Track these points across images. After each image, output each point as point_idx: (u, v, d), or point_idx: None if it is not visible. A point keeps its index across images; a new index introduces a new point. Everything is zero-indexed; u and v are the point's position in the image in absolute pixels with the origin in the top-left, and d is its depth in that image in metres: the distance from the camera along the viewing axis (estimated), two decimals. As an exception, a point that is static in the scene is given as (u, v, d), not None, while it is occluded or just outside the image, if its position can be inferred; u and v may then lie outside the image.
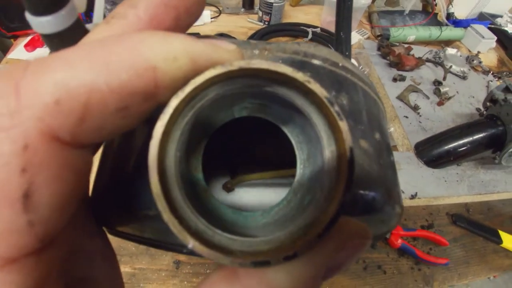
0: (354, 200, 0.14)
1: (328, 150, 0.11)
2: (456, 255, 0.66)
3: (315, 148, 0.12)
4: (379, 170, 0.15)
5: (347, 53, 0.30)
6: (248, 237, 0.11)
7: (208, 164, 0.14)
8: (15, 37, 1.01)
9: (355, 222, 0.12)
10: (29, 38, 0.97)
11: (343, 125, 0.10)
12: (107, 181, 0.15)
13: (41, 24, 0.13)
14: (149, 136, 0.10)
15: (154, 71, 0.10)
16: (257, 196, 0.17)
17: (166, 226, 0.10)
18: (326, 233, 0.10)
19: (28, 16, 0.13)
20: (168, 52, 0.10)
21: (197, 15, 0.14)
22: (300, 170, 0.14)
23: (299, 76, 0.10)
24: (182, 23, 0.13)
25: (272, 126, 0.14)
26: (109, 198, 0.14)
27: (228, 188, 0.16)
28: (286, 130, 0.14)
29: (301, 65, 0.14)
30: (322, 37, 0.90)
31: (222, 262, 0.10)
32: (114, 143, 0.16)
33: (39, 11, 0.13)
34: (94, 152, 0.13)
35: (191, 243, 0.10)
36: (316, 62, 0.15)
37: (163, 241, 0.16)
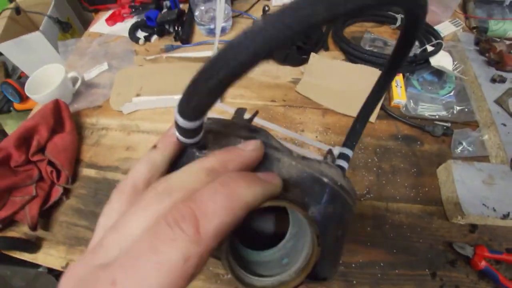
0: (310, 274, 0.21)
1: (310, 236, 0.21)
2: (543, 287, 0.58)
3: (300, 233, 0.23)
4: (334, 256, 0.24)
5: (354, 143, 0.30)
6: (265, 277, 0.21)
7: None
8: (97, 11, 1.06)
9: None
10: (110, 12, 1.01)
11: (317, 229, 0.20)
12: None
13: (185, 124, 0.18)
14: None
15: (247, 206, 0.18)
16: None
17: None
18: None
19: (176, 115, 0.18)
20: (255, 195, 0.18)
21: None
22: (287, 239, 0.25)
23: (305, 214, 0.20)
24: None
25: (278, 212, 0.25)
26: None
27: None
28: (290, 217, 0.25)
29: (315, 180, 0.23)
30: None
31: None
32: None
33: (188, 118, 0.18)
34: None
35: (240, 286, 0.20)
36: (325, 179, 0.23)
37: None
